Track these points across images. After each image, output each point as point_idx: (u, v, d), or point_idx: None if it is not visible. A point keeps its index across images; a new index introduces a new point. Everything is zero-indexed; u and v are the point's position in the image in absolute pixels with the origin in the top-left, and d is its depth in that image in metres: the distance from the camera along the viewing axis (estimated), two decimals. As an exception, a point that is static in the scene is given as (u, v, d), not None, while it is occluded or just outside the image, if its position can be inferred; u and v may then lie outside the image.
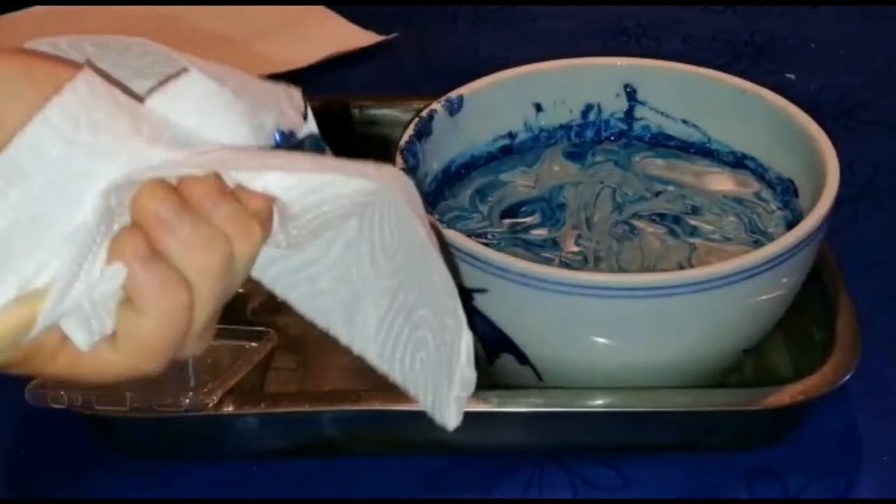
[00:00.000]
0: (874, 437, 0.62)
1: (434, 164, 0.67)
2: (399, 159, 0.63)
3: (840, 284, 0.65)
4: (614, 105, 0.72)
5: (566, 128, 0.72)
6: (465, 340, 0.44)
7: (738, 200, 0.67)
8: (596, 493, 0.59)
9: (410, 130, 0.65)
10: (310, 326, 0.71)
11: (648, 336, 0.57)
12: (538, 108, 0.71)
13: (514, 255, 0.59)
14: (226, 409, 0.59)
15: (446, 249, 0.57)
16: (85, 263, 0.39)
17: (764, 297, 0.58)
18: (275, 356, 0.68)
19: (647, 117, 0.71)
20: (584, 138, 0.72)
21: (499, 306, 0.58)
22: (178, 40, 1.25)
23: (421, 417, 0.60)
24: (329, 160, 0.45)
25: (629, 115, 0.72)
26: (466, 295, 0.58)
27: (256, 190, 0.41)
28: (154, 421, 0.59)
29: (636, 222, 0.65)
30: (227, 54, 1.09)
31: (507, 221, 0.66)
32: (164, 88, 0.42)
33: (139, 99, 0.42)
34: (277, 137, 0.44)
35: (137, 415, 0.58)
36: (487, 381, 0.65)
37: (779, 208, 0.66)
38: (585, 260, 0.62)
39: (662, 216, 0.66)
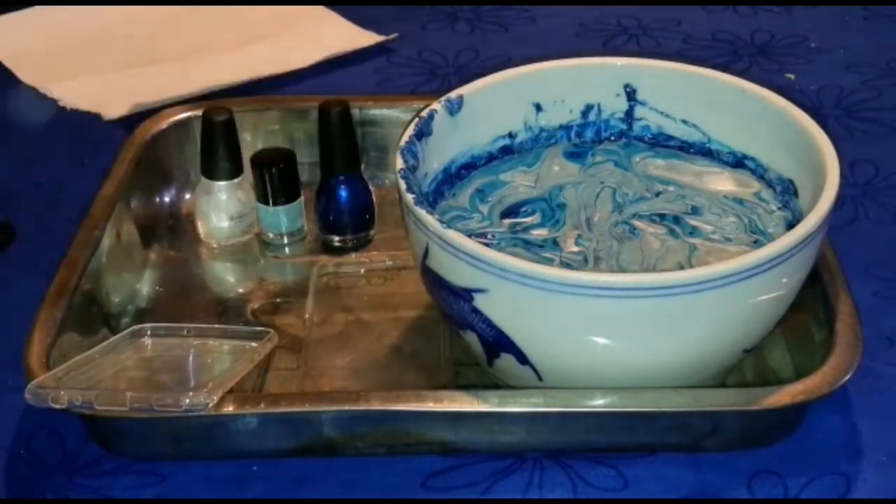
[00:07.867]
0: (874, 437, 0.62)
1: (434, 164, 0.67)
2: (399, 159, 0.62)
3: (840, 284, 0.65)
4: (614, 105, 0.72)
5: (566, 128, 0.72)
6: None
7: (738, 200, 0.67)
8: (596, 493, 0.59)
9: (410, 130, 0.65)
10: (310, 326, 0.72)
11: (648, 336, 0.57)
12: (538, 108, 0.71)
13: (514, 255, 0.59)
14: (226, 409, 0.59)
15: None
16: None
17: (764, 297, 0.58)
18: (275, 356, 0.68)
19: (647, 117, 0.71)
20: (584, 138, 0.72)
21: (499, 306, 0.58)
22: (177, 41, 1.25)
23: (421, 417, 0.60)
24: None
25: (629, 115, 0.72)
26: (466, 295, 0.58)
27: None
28: (154, 421, 0.59)
29: (636, 222, 0.65)
30: (227, 55, 1.10)
31: (507, 221, 0.66)
32: None
33: None
34: None
35: (137, 415, 0.58)
36: (487, 381, 0.65)
37: (779, 208, 0.66)
38: (585, 260, 0.62)
39: (662, 216, 0.66)
